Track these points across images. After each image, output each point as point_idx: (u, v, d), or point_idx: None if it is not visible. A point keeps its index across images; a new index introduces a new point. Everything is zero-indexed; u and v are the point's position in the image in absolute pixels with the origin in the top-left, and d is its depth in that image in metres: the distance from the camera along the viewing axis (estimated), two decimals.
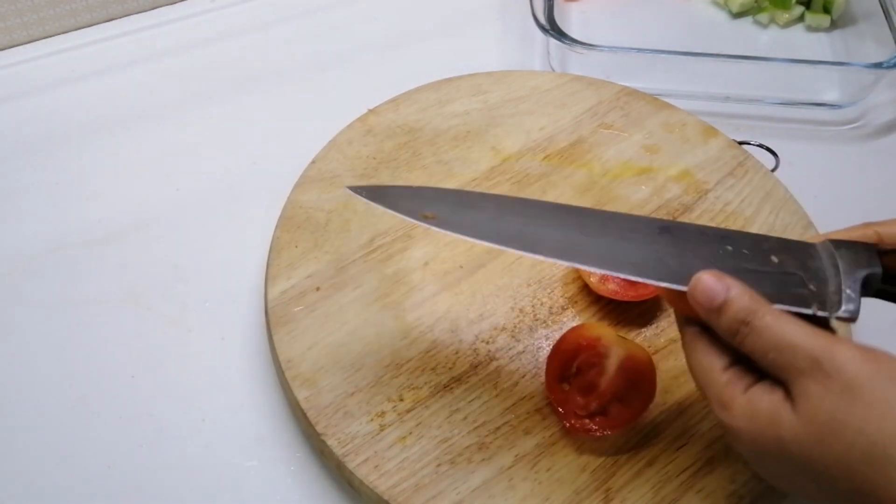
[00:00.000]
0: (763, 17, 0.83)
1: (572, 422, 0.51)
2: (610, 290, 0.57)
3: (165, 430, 0.55)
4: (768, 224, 0.63)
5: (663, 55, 0.72)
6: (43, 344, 0.59)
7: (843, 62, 0.78)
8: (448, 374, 0.54)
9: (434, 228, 0.43)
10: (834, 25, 0.83)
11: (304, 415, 0.52)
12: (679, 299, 0.42)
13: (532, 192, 0.64)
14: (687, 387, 0.55)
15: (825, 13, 0.82)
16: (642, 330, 0.57)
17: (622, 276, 0.42)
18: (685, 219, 0.63)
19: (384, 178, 0.64)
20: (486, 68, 0.72)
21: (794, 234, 0.62)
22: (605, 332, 0.54)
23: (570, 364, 0.53)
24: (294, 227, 0.61)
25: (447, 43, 0.80)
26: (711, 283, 0.40)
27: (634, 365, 0.52)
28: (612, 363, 0.52)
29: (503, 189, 0.64)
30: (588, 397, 0.52)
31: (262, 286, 0.58)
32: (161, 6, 0.80)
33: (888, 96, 0.78)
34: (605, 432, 0.51)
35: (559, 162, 0.66)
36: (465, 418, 0.53)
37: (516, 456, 0.51)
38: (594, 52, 0.71)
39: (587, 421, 0.51)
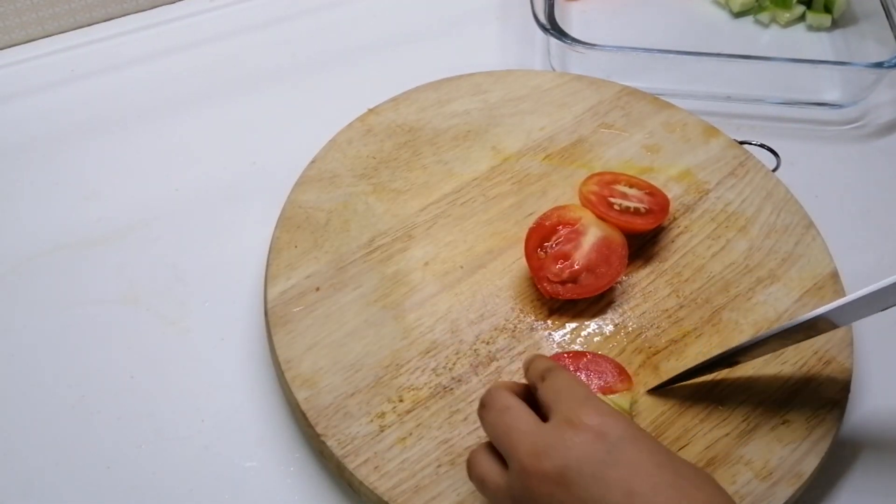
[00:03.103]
0: (764, 16, 0.83)
1: (544, 286, 0.56)
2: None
3: (165, 430, 0.55)
4: (769, 224, 0.63)
5: (664, 55, 0.72)
6: (42, 344, 0.58)
7: (844, 62, 0.78)
8: (448, 375, 0.54)
9: None
10: (835, 25, 0.83)
11: (304, 415, 0.52)
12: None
13: (532, 192, 0.64)
14: (688, 387, 0.54)
15: (826, 13, 0.82)
16: (644, 331, 0.57)
17: None
18: (685, 218, 0.63)
19: (384, 178, 0.64)
20: (486, 68, 0.72)
21: (795, 234, 0.62)
22: (585, 215, 0.59)
23: (549, 237, 0.58)
24: (294, 227, 0.60)
25: (447, 43, 0.80)
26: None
27: (608, 244, 0.58)
28: (588, 240, 0.58)
29: (503, 189, 0.64)
30: (562, 266, 0.57)
31: (262, 286, 0.58)
32: (160, 5, 0.80)
33: (889, 96, 0.78)
34: (573, 297, 0.57)
35: (560, 162, 0.66)
36: (465, 419, 0.52)
37: None
38: (595, 52, 0.71)
39: (559, 286, 0.56)
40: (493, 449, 0.44)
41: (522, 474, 0.41)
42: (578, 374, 0.52)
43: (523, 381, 0.50)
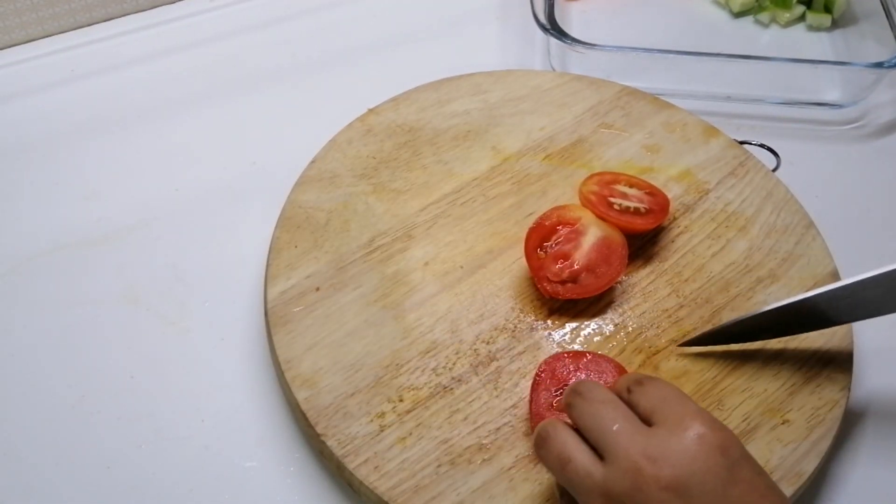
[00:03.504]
0: (764, 16, 0.83)
1: (544, 285, 0.56)
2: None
3: (165, 430, 0.55)
4: (769, 224, 0.63)
5: (664, 55, 0.72)
6: (42, 344, 0.58)
7: (844, 62, 0.78)
8: (448, 375, 0.54)
9: None
10: (835, 25, 0.83)
11: (304, 415, 0.52)
12: None
13: (532, 192, 0.64)
14: (687, 387, 0.54)
15: (826, 13, 0.82)
16: (644, 332, 0.57)
17: None
18: (685, 218, 0.63)
19: (384, 178, 0.64)
20: (486, 68, 0.72)
21: (795, 234, 0.62)
22: (585, 214, 0.59)
23: (549, 237, 0.58)
24: (294, 227, 0.60)
25: (447, 43, 0.80)
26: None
27: (608, 243, 0.58)
28: (588, 240, 0.58)
29: (503, 189, 0.64)
30: (562, 265, 0.57)
31: (262, 286, 0.58)
32: (160, 5, 0.80)
33: (889, 96, 0.78)
34: (573, 297, 0.56)
35: (560, 162, 0.66)
36: (465, 419, 0.52)
37: (517, 457, 0.51)
38: (595, 52, 0.71)
39: (559, 286, 0.56)
40: (575, 431, 0.44)
41: (634, 475, 0.41)
42: (578, 373, 0.52)
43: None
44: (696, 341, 0.56)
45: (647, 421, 0.43)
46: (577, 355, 0.53)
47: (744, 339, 0.56)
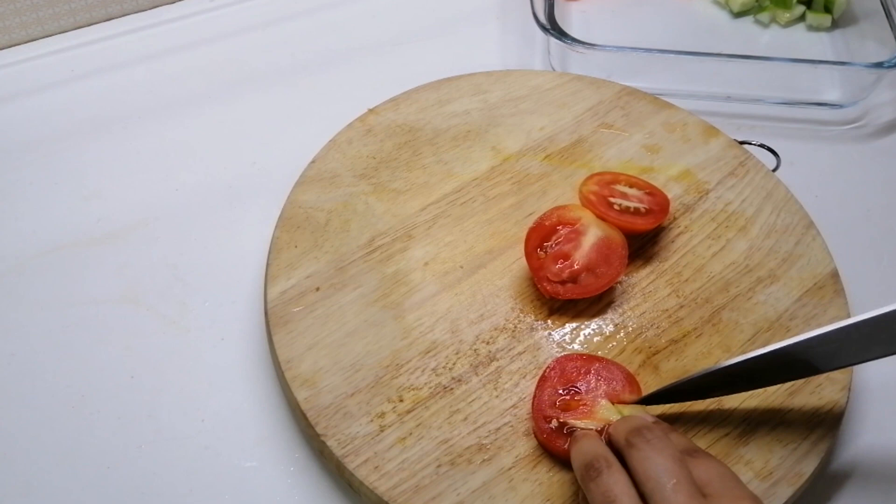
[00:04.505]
0: (764, 16, 0.83)
1: (544, 285, 0.56)
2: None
3: (165, 430, 0.55)
4: (769, 224, 0.63)
5: (664, 55, 0.72)
6: (42, 344, 0.58)
7: (844, 62, 0.78)
8: (448, 375, 0.54)
9: None
10: (835, 25, 0.83)
11: (304, 415, 0.52)
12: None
13: (532, 192, 0.64)
14: None
15: (826, 13, 0.82)
16: (644, 332, 0.57)
17: None
18: (685, 218, 0.63)
19: (384, 178, 0.64)
20: (486, 68, 0.72)
21: (795, 234, 0.62)
22: (585, 215, 0.59)
23: (549, 237, 0.58)
24: (294, 227, 0.60)
25: (447, 43, 0.80)
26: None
27: (608, 243, 0.58)
28: (588, 240, 0.58)
29: (503, 189, 0.64)
30: (562, 265, 0.57)
31: (262, 286, 0.58)
32: (160, 5, 0.80)
33: (889, 96, 0.78)
34: (573, 297, 0.56)
35: (560, 162, 0.66)
36: (465, 419, 0.52)
37: (517, 457, 0.51)
38: (595, 52, 0.71)
39: (559, 286, 0.56)
40: (624, 465, 0.45)
41: None
42: (588, 377, 0.52)
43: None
44: (647, 400, 0.53)
45: (700, 491, 0.44)
46: (590, 359, 0.53)
47: (702, 396, 0.53)
